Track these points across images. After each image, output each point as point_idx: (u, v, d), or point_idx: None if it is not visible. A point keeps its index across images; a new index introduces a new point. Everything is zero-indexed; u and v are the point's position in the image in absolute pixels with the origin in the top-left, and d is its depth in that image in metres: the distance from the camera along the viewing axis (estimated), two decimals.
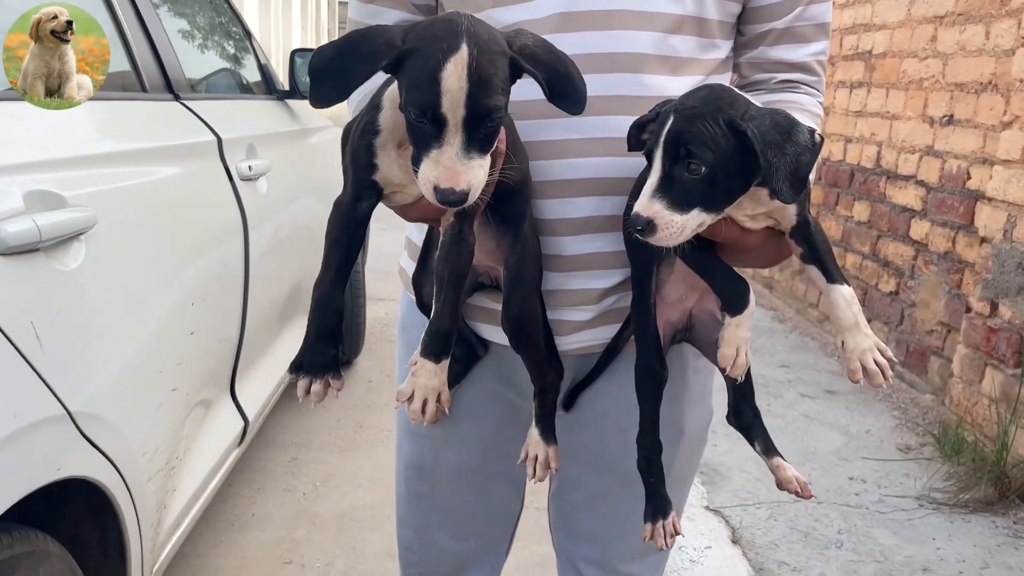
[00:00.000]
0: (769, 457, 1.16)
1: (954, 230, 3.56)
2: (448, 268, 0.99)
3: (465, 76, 0.82)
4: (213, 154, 2.32)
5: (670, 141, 0.91)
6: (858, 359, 0.98)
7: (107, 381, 1.56)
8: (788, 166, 0.88)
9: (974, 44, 3.45)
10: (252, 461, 3.10)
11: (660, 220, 0.91)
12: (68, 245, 1.50)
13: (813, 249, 1.01)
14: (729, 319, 1.01)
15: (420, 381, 0.98)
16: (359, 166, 0.97)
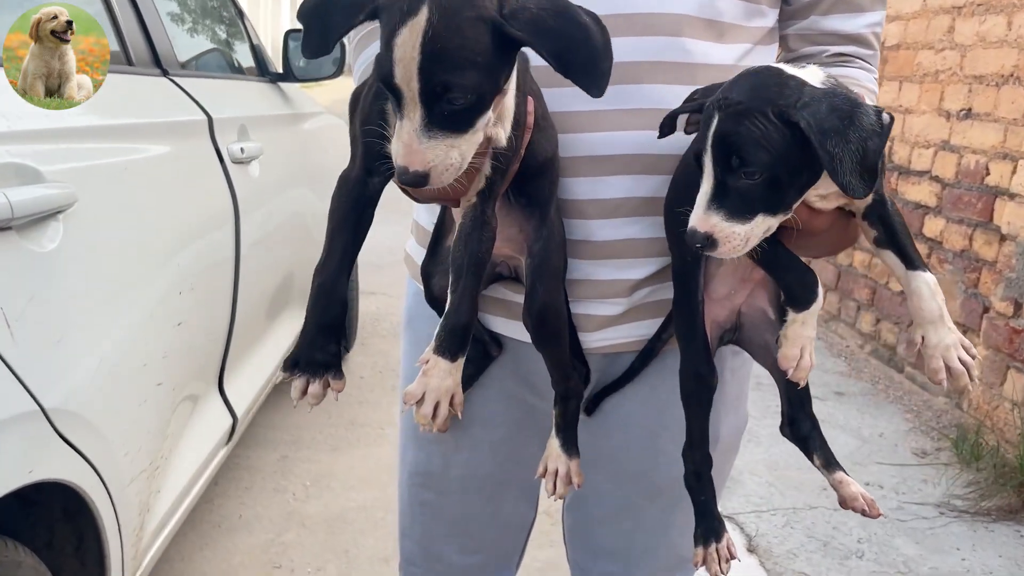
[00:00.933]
0: (831, 472, 1.05)
1: (971, 227, 3.45)
2: (468, 254, 0.89)
3: (419, 45, 0.72)
4: (203, 134, 2.19)
5: (718, 145, 0.81)
6: (941, 356, 0.89)
7: (85, 375, 1.43)
8: (854, 155, 0.78)
9: (995, 35, 3.35)
10: (240, 460, 2.99)
11: (720, 234, 0.82)
12: (44, 224, 1.37)
13: (890, 232, 0.91)
14: (794, 315, 0.90)
15: (432, 382, 0.86)
16: (371, 135, 0.85)
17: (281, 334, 2.93)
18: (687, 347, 1.02)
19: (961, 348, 0.90)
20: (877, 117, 0.80)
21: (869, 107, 0.80)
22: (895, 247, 0.91)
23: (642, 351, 1.11)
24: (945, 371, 0.90)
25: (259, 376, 2.63)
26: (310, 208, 3.17)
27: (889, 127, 0.81)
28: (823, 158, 0.77)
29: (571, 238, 1.04)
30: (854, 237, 0.98)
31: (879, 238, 0.92)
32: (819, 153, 0.77)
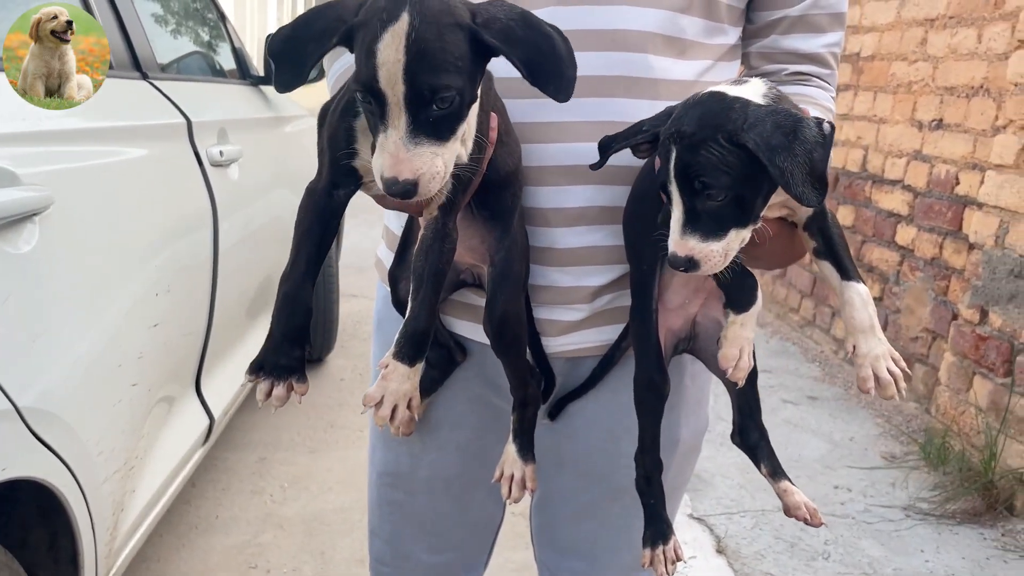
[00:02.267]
0: (776, 480, 1.07)
1: (941, 236, 3.52)
2: (428, 265, 0.90)
3: (403, 48, 0.73)
4: (182, 137, 2.20)
5: (681, 175, 0.85)
6: (871, 366, 0.91)
7: (60, 375, 1.45)
8: (802, 167, 0.81)
9: (966, 47, 3.41)
10: (217, 461, 2.99)
11: (700, 254, 0.85)
12: (20, 226, 1.39)
13: (828, 243, 0.94)
14: (734, 316, 0.94)
15: (391, 385, 0.89)
16: (337, 150, 0.88)
17: (261, 335, 2.93)
18: (641, 354, 1.04)
19: (891, 359, 0.92)
20: (819, 128, 0.83)
21: (811, 119, 0.84)
22: (832, 258, 0.94)
23: (603, 358, 1.13)
24: (874, 380, 0.91)
25: (238, 377, 2.64)
26: (290, 210, 3.15)
27: (831, 136, 0.84)
28: (774, 174, 0.81)
29: (536, 245, 1.06)
30: (800, 252, 1.00)
31: (818, 249, 0.95)
32: (770, 170, 0.80)
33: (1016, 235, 2.82)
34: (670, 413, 1.18)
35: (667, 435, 1.18)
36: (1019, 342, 2.78)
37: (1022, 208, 2.79)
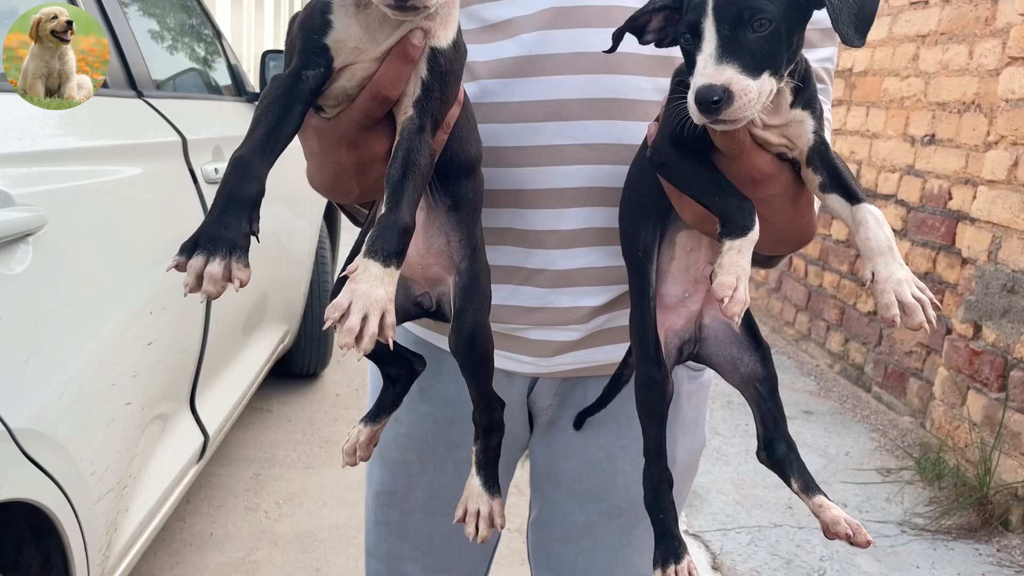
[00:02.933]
0: (810, 496, 0.95)
1: (935, 251, 3.53)
2: (403, 164, 0.77)
3: None
4: (177, 155, 2.21)
5: (724, 4, 0.79)
6: (893, 291, 0.81)
7: (53, 395, 1.44)
8: (851, 5, 0.79)
9: (957, 63, 3.43)
10: (212, 477, 2.98)
11: (737, 86, 0.77)
12: (14, 247, 1.39)
13: (834, 173, 0.87)
14: (730, 243, 0.84)
15: (360, 287, 0.70)
16: (310, 28, 0.79)
17: (255, 351, 2.95)
18: (640, 350, 0.98)
19: (914, 285, 0.83)
20: None
21: None
22: (840, 188, 0.86)
23: (613, 377, 1.11)
24: (898, 306, 0.81)
25: (232, 393, 2.64)
26: (285, 225, 3.20)
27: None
28: (828, 7, 0.79)
29: (531, 267, 1.06)
30: (808, 223, 0.95)
31: (823, 183, 0.87)
32: (827, 2, 0.79)
33: (1008, 250, 2.83)
34: (667, 432, 1.19)
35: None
36: (1012, 357, 2.79)
37: (1014, 224, 2.80)
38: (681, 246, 0.97)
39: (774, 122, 0.85)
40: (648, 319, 0.96)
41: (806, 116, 0.85)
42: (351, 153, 0.86)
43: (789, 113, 0.85)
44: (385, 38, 0.79)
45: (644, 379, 0.97)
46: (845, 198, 0.86)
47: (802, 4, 0.81)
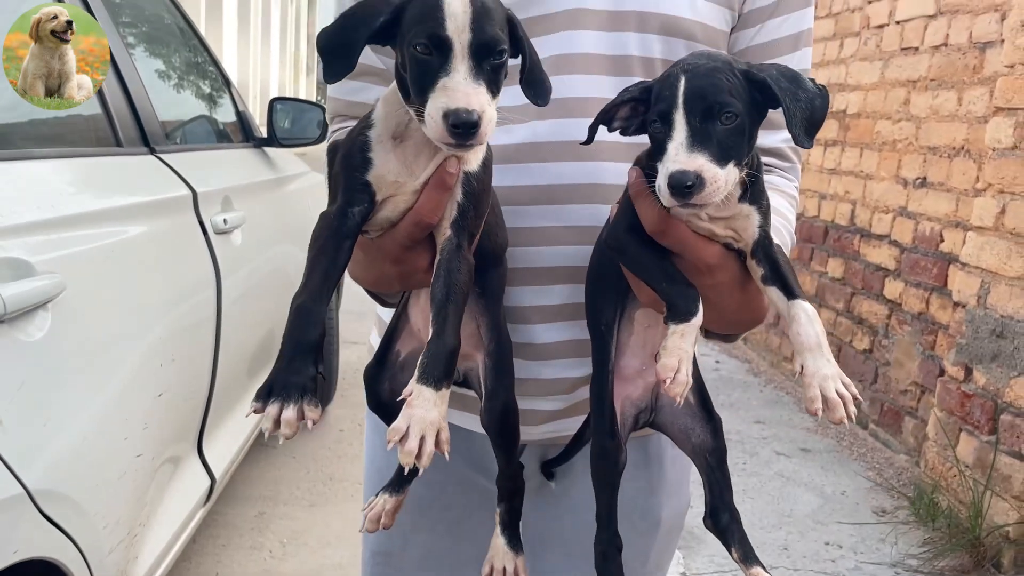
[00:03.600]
0: (748, 566, 1.01)
1: (928, 291, 3.59)
2: (449, 284, 0.87)
3: (468, 4, 0.81)
4: (188, 209, 2.29)
5: (693, 97, 0.85)
6: (819, 386, 0.86)
7: (69, 456, 1.51)
8: (803, 111, 0.86)
9: (947, 109, 3.52)
10: (217, 516, 3.03)
11: (707, 173, 0.83)
12: (33, 314, 1.46)
13: (774, 267, 0.92)
14: (673, 327, 0.90)
15: (416, 412, 0.79)
16: (352, 166, 0.88)
17: None
18: (596, 422, 1.04)
19: (839, 381, 0.87)
20: (815, 83, 0.88)
21: (806, 76, 0.89)
22: (779, 282, 0.92)
23: (575, 435, 1.17)
24: (822, 401, 0.86)
25: (238, 435, 2.70)
26: (292, 260, 3.27)
27: (827, 94, 0.90)
28: (784, 109, 0.85)
29: (517, 341, 1.11)
30: (757, 308, 0.99)
31: (765, 275, 0.93)
32: (782, 103, 0.85)
33: (997, 296, 2.89)
34: (652, 496, 1.24)
35: (650, 517, 1.24)
36: (1002, 401, 2.84)
37: (1002, 270, 2.87)
38: (639, 322, 1.03)
39: (722, 215, 0.91)
40: (606, 391, 1.02)
41: (752, 211, 0.91)
42: (395, 267, 0.95)
43: (737, 207, 0.91)
44: (422, 169, 0.88)
45: (598, 450, 1.03)
46: (783, 292, 0.91)
47: (759, 102, 0.87)
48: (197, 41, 3.27)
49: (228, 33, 17.57)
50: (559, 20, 1.09)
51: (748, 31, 1.17)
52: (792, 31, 1.18)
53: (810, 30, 1.21)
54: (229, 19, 17.73)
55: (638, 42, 1.10)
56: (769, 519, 3.14)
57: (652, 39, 1.10)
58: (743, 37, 1.17)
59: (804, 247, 4.77)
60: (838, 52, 4.50)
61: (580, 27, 1.09)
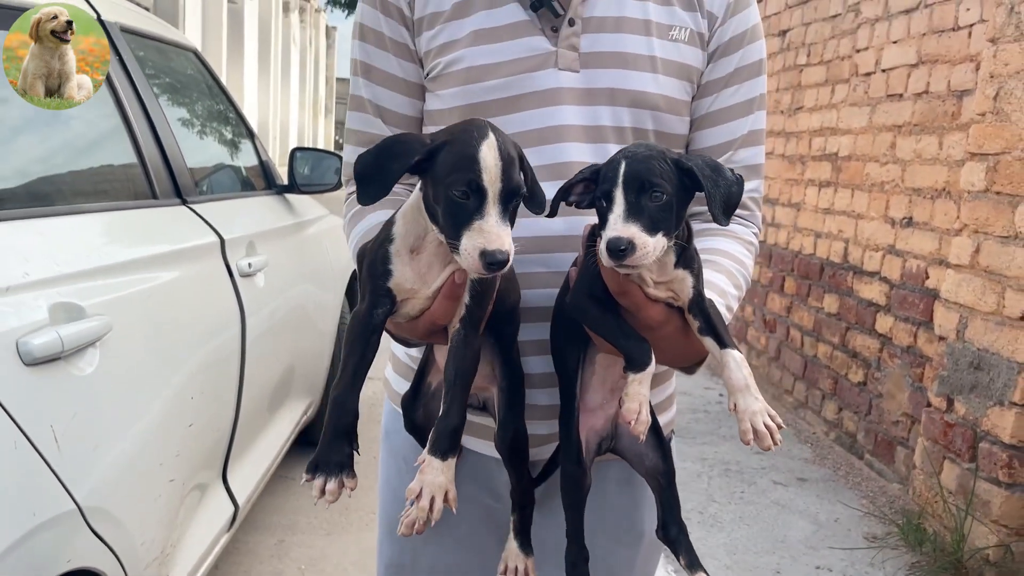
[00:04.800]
0: (692, 572, 1.19)
1: (915, 326, 3.75)
2: (456, 369, 1.06)
3: (498, 156, 0.96)
4: (216, 255, 2.49)
5: (631, 178, 1.00)
6: (749, 420, 1.01)
7: (114, 476, 1.70)
8: (722, 194, 1.02)
9: (929, 153, 3.70)
10: (239, 544, 3.18)
11: (638, 240, 0.97)
12: (84, 351, 1.65)
13: (707, 320, 1.08)
14: (632, 376, 1.06)
15: (428, 478, 1.00)
16: (375, 275, 1.06)
17: (281, 425, 3.19)
18: (565, 451, 1.18)
19: (767, 415, 1.01)
20: (733, 173, 1.04)
21: (726, 167, 1.05)
22: (712, 333, 1.07)
23: (552, 457, 1.29)
24: (752, 433, 1.01)
25: (260, 465, 2.87)
26: (311, 299, 3.46)
27: (743, 182, 1.05)
28: (706, 193, 1.01)
29: None
30: (695, 348, 1.12)
31: (701, 327, 1.08)
32: (704, 188, 1.01)
33: (974, 330, 3.05)
34: (634, 509, 1.37)
35: (634, 530, 1.36)
36: (981, 430, 2.99)
37: (978, 305, 3.03)
38: (600, 364, 1.19)
39: (661, 279, 1.07)
40: (572, 425, 1.18)
41: (687, 275, 1.07)
42: (419, 340, 1.16)
43: (673, 272, 1.07)
44: (434, 279, 1.07)
45: (566, 475, 1.19)
46: (716, 342, 1.07)
47: (687, 186, 1.03)
48: (221, 93, 3.51)
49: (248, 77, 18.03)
50: (542, 97, 1.24)
51: (706, 99, 1.30)
52: (745, 98, 1.31)
53: (763, 95, 1.35)
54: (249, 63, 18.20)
55: (610, 114, 1.25)
56: (763, 544, 3.28)
57: (622, 111, 1.25)
58: (702, 105, 1.31)
59: (802, 283, 4.93)
60: (830, 97, 4.70)
61: (560, 103, 1.24)
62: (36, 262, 1.64)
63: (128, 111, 2.31)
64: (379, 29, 1.31)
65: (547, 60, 1.24)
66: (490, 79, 1.24)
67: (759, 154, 1.36)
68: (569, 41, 1.24)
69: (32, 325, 1.52)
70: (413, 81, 1.32)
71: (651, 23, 1.26)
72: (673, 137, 1.29)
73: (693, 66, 1.28)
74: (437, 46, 1.27)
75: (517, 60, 1.24)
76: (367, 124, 1.35)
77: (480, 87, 1.25)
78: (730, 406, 1.05)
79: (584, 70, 1.24)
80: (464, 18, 1.26)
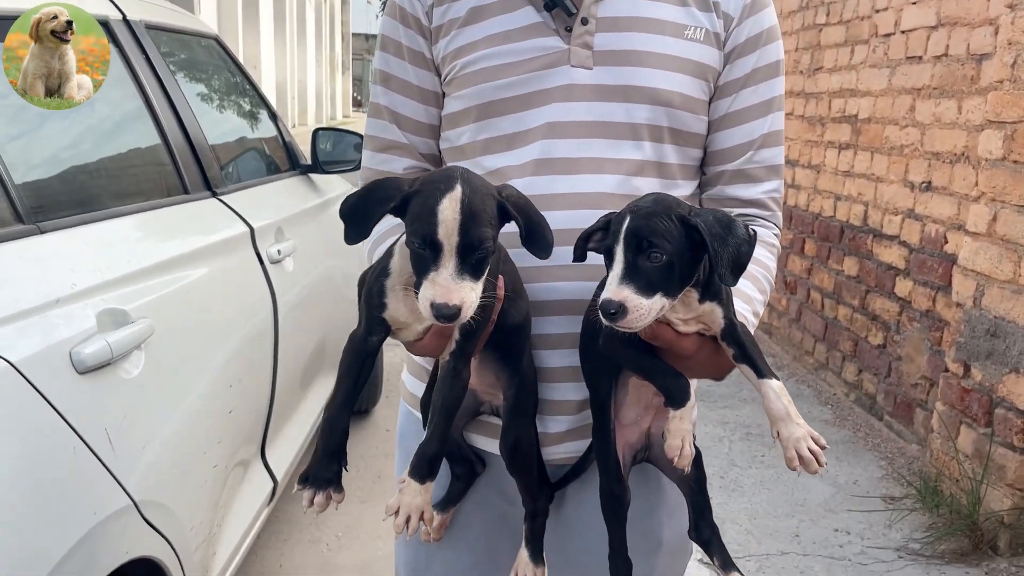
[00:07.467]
0: (727, 572, 1.22)
1: (934, 290, 3.77)
2: (442, 399, 1.11)
3: (459, 210, 0.97)
4: (247, 244, 2.58)
5: (630, 236, 1.00)
6: (793, 448, 1.02)
7: (164, 469, 1.81)
8: (730, 254, 0.99)
9: (948, 117, 3.69)
10: (279, 513, 3.31)
11: (630, 303, 0.97)
12: (130, 354, 1.75)
13: (742, 348, 1.08)
14: (673, 412, 1.08)
15: (405, 499, 1.08)
16: (372, 305, 1.11)
17: (314, 400, 3.30)
18: (603, 470, 1.21)
19: (810, 439, 1.02)
20: (746, 230, 1.01)
21: (741, 223, 1.02)
22: (747, 360, 1.07)
23: (574, 465, 1.32)
24: (798, 459, 1.03)
25: (296, 439, 2.98)
26: (339, 271, 3.52)
27: (755, 238, 1.02)
28: (711, 252, 0.98)
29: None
30: (728, 364, 1.12)
31: (736, 355, 1.08)
32: (709, 247, 0.98)
33: (991, 298, 3.08)
34: (651, 516, 1.35)
35: (650, 538, 1.35)
36: (997, 396, 3.04)
37: (995, 273, 3.05)
38: (633, 385, 1.21)
39: (688, 316, 1.08)
40: (609, 446, 1.20)
41: (715, 307, 1.08)
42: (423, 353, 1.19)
43: (699, 308, 1.08)
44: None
45: (607, 492, 1.22)
46: (753, 371, 1.07)
47: (696, 243, 1.02)
48: (243, 77, 3.57)
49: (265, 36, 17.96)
50: (554, 94, 1.26)
51: (724, 100, 1.31)
52: (763, 98, 1.32)
53: (781, 96, 1.35)
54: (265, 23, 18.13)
55: (624, 111, 1.26)
56: (783, 508, 3.37)
57: (636, 108, 1.26)
58: (721, 106, 1.32)
59: (822, 245, 4.95)
60: (849, 58, 4.66)
61: (572, 99, 1.26)
62: (82, 272, 1.72)
63: (157, 109, 2.38)
64: (397, 39, 1.36)
65: (560, 58, 1.26)
66: (504, 78, 1.27)
67: (778, 155, 1.36)
68: (582, 39, 1.25)
69: (83, 334, 1.61)
70: (429, 89, 1.36)
71: (666, 22, 1.27)
72: (690, 135, 1.31)
73: (709, 65, 1.29)
74: (453, 50, 1.31)
75: (531, 59, 1.26)
76: (384, 130, 1.40)
77: (494, 86, 1.28)
78: (773, 434, 1.06)
79: (598, 67, 1.25)
80: (479, 23, 1.29)
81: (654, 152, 1.28)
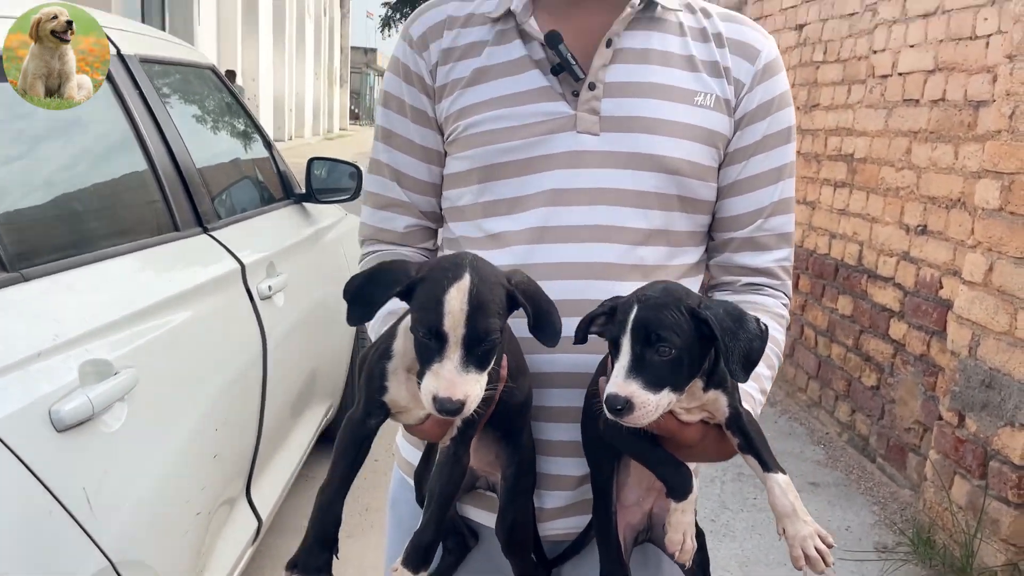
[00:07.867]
0: None
1: (928, 335, 3.76)
2: (440, 485, 1.08)
3: (466, 300, 0.94)
4: (237, 282, 2.53)
5: (639, 327, 0.97)
6: (800, 546, 1.00)
7: (143, 526, 1.76)
8: (742, 349, 0.97)
9: (944, 162, 3.68)
10: (263, 547, 3.22)
11: (637, 399, 0.95)
12: (112, 407, 1.70)
13: (747, 439, 1.06)
14: (675, 504, 1.06)
15: None
16: (372, 387, 1.07)
17: (302, 434, 3.24)
18: (604, 551, 1.18)
19: (817, 538, 1.00)
20: (758, 324, 0.99)
21: (752, 316, 1.00)
22: (753, 452, 1.05)
23: (574, 541, 1.29)
24: (804, 559, 1.00)
25: (282, 477, 2.93)
26: (331, 299, 3.45)
27: (767, 333, 0.99)
28: (721, 347, 0.95)
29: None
30: (730, 449, 1.10)
31: (741, 444, 1.06)
32: (720, 342, 0.95)
33: (986, 348, 3.06)
34: None
35: None
36: (991, 448, 3.02)
37: (991, 324, 3.04)
38: (635, 466, 1.18)
39: (692, 405, 1.06)
40: (611, 528, 1.17)
41: (719, 395, 1.05)
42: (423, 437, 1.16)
43: (704, 396, 1.05)
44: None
45: (607, 575, 1.19)
46: (759, 463, 1.05)
47: (707, 335, 0.99)
48: (239, 107, 3.54)
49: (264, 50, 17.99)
50: (559, 160, 1.23)
51: (735, 167, 1.29)
52: (774, 165, 1.30)
53: (792, 163, 1.32)
54: (264, 36, 18.17)
55: (631, 178, 1.23)
56: (774, 555, 3.33)
57: (644, 175, 1.23)
58: (731, 172, 1.29)
59: (816, 282, 4.94)
60: (846, 97, 4.67)
61: (577, 166, 1.23)
62: (66, 321, 1.68)
63: (149, 144, 2.35)
64: (400, 96, 1.34)
65: (566, 123, 1.24)
66: (507, 141, 1.25)
67: (789, 222, 1.33)
68: (589, 105, 1.23)
69: (64, 388, 1.56)
70: (431, 148, 1.34)
71: (675, 88, 1.24)
72: (698, 203, 1.28)
73: (719, 132, 1.26)
74: (456, 110, 1.28)
75: (536, 123, 1.24)
76: (385, 188, 1.38)
77: (497, 149, 1.25)
78: (779, 531, 1.04)
79: (604, 133, 1.23)
80: (484, 84, 1.27)
81: (662, 220, 1.25)
